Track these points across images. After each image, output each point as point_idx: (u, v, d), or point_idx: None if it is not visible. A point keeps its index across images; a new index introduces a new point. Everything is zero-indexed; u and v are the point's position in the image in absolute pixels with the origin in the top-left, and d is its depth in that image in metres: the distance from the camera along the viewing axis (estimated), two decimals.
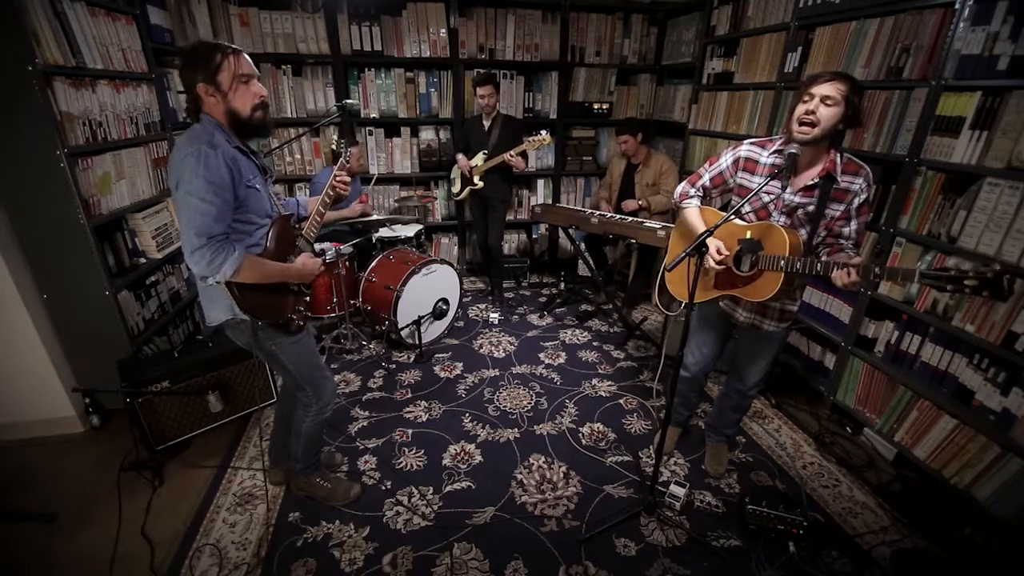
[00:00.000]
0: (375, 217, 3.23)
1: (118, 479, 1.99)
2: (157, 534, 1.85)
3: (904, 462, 2.19)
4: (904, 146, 2.09)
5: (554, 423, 2.46)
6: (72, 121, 2.06)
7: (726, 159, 1.79)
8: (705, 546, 1.81)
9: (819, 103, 1.50)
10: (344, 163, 1.72)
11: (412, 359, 3.05)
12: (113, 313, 2.25)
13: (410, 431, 2.40)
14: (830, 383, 2.52)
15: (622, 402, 2.65)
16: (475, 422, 2.47)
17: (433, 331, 3.21)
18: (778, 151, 1.66)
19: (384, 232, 3.42)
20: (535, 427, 2.43)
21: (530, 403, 2.62)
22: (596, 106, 4.15)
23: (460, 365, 2.98)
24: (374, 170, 3.91)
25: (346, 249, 2.98)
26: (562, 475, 2.14)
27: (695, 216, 1.83)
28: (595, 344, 3.24)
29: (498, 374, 2.89)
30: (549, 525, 1.89)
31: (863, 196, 1.58)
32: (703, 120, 3.57)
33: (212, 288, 1.51)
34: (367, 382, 2.81)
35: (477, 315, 3.64)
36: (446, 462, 2.20)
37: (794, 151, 1.58)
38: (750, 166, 1.73)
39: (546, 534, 1.86)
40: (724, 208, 2.14)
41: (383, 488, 2.06)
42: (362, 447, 2.29)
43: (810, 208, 1.63)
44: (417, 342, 3.06)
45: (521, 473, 2.14)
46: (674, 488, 1.98)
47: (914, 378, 2.12)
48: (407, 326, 2.98)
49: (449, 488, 2.06)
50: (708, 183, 1.84)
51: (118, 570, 1.72)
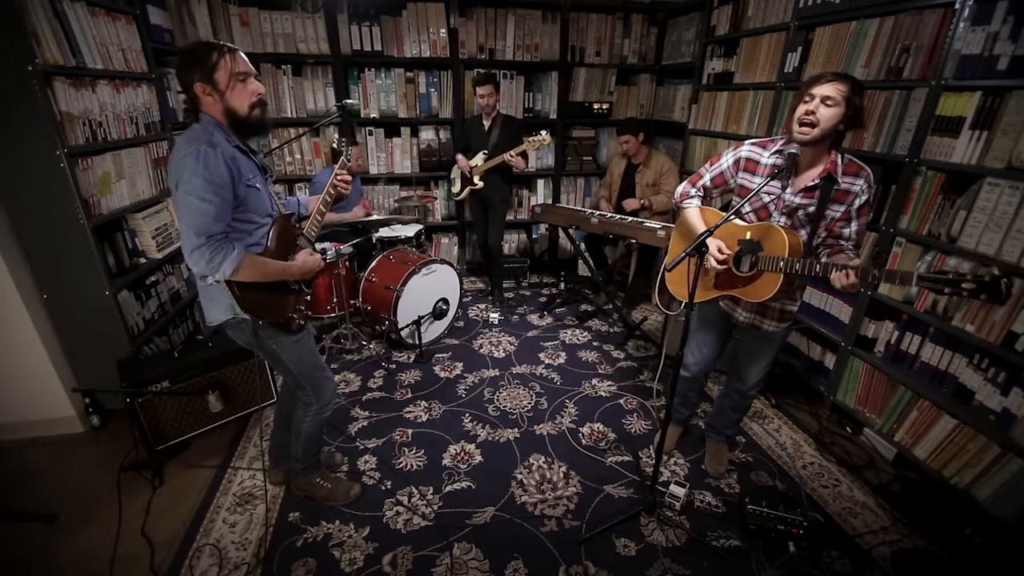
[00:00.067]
0: (375, 217, 3.23)
1: (118, 479, 1.99)
2: (157, 534, 1.85)
3: (904, 462, 2.19)
4: (904, 146, 2.09)
5: (554, 423, 2.46)
6: (72, 121, 2.06)
7: (727, 159, 1.79)
8: (705, 546, 1.82)
9: (819, 103, 1.50)
10: (345, 161, 1.72)
11: (412, 359, 3.05)
12: (113, 313, 2.25)
13: (410, 431, 2.40)
14: (830, 383, 2.52)
15: (622, 402, 2.65)
16: (475, 422, 2.47)
17: (433, 331, 3.21)
18: (779, 151, 1.66)
19: (384, 232, 3.42)
20: (535, 427, 2.43)
21: (530, 403, 2.62)
22: (596, 106, 4.14)
23: (460, 365, 2.98)
24: (374, 170, 3.91)
25: (346, 249, 2.98)
26: (562, 475, 2.14)
27: (695, 216, 1.83)
28: (595, 344, 3.24)
29: (498, 374, 2.89)
30: (549, 525, 1.89)
31: (864, 197, 1.58)
32: (703, 120, 3.57)
33: (212, 287, 1.51)
34: (367, 382, 2.81)
35: (477, 315, 3.64)
36: (446, 462, 2.21)
37: (794, 151, 1.58)
38: (751, 166, 1.73)
39: (546, 534, 1.86)
40: (725, 208, 2.14)
41: (383, 488, 2.06)
42: (362, 447, 2.29)
43: (811, 209, 1.63)
44: (417, 342, 3.06)
45: (521, 473, 2.14)
46: (674, 488, 1.98)
47: (914, 378, 2.12)
48: (407, 326, 2.98)
49: (449, 488, 2.06)
50: (709, 183, 1.84)
51: (118, 570, 1.72)
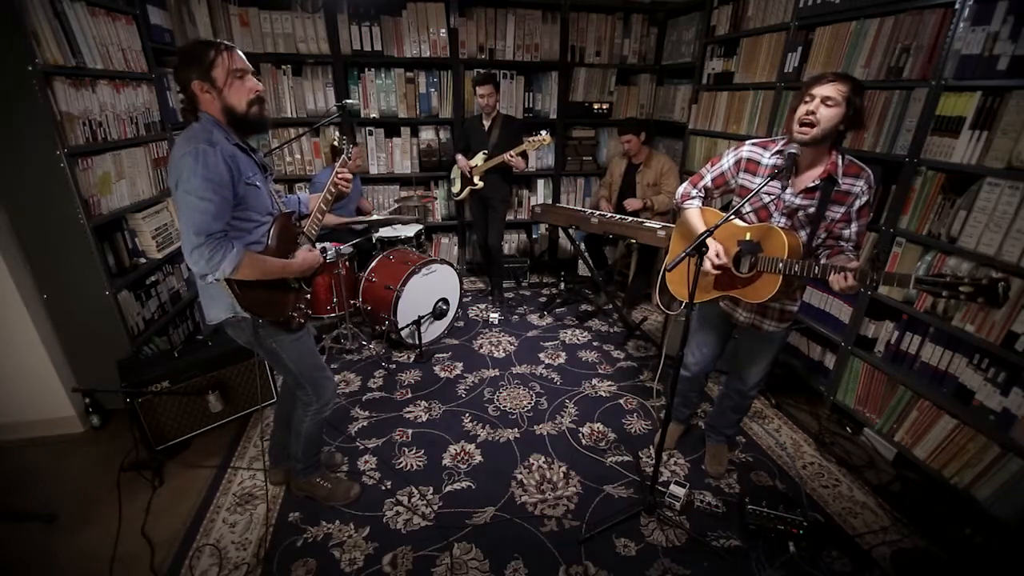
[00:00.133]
0: (375, 217, 3.23)
1: (118, 479, 1.99)
2: (157, 534, 1.85)
3: (904, 462, 2.19)
4: (904, 146, 2.09)
5: (554, 423, 2.46)
6: (72, 121, 2.06)
7: (728, 160, 1.79)
8: (705, 546, 1.82)
9: (819, 104, 1.50)
10: (346, 159, 1.72)
11: (412, 359, 3.05)
12: (113, 313, 2.25)
13: (410, 431, 2.40)
14: (830, 383, 2.52)
15: (622, 402, 2.65)
16: (475, 422, 2.47)
17: (433, 331, 3.21)
18: (779, 152, 1.66)
19: (384, 232, 3.42)
20: (535, 427, 2.43)
21: (530, 403, 2.62)
22: (596, 106, 4.14)
23: (460, 365, 2.97)
24: (374, 170, 3.91)
25: (346, 249, 2.98)
26: (562, 475, 2.14)
27: (696, 217, 1.83)
28: (595, 344, 3.24)
29: (498, 374, 2.89)
30: (549, 525, 1.89)
31: (864, 199, 1.58)
32: (703, 120, 3.57)
33: (212, 286, 1.51)
34: (367, 382, 2.81)
35: (477, 315, 3.64)
36: (446, 462, 2.21)
37: (794, 151, 1.58)
38: (752, 167, 1.73)
39: (546, 534, 1.86)
40: (725, 208, 2.14)
41: (383, 488, 2.06)
42: (362, 447, 2.29)
43: (811, 210, 1.63)
44: (417, 342, 3.06)
45: (521, 473, 2.14)
46: (674, 488, 1.98)
47: (914, 378, 2.12)
48: (407, 326, 2.98)
49: (449, 488, 2.06)
50: (710, 183, 1.84)
51: (118, 570, 1.72)
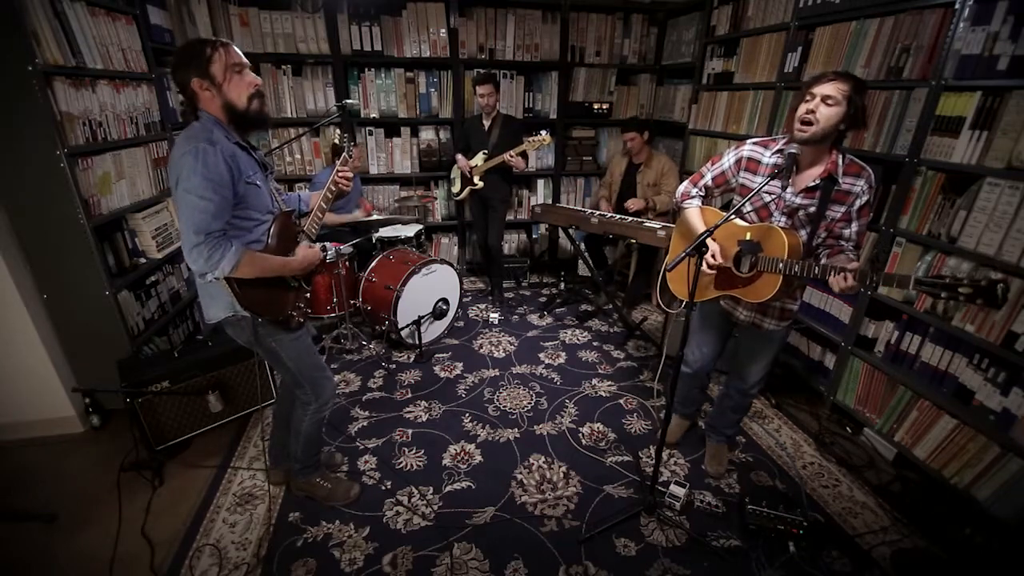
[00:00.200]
0: (375, 217, 3.23)
1: (118, 479, 1.99)
2: (157, 534, 1.85)
3: (904, 462, 2.19)
4: (904, 146, 2.09)
5: (554, 423, 2.46)
6: (72, 121, 2.06)
7: (728, 159, 1.79)
8: (705, 546, 1.81)
9: (820, 103, 1.50)
10: (347, 157, 1.72)
11: (412, 359, 3.05)
12: (113, 313, 2.25)
13: (410, 431, 2.40)
14: (830, 383, 2.52)
15: (622, 402, 2.64)
16: (475, 422, 2.47)
17: (433, 331, 3.21)
18: (780, 151, 1.66)
19: (384, 232, 3.42)
20: (535, 427, 2.43)
21: (530, 403, 2.62)
22: (596, 106, 4.14)
23: (460, 365, 2.97)
24: (374, 170, 3.91)
25: (346, 249, 2.98)
26: (562, 475, 2.14)
27: (696, 216, 1.83)
28: (595, 344, 3.24)
29: (498, 374, 2.89)
30: (549, 525, 1.89)
31: (864, 198, 1.58)
32: (703, 120, 3.57)
33: (212, 285, 1.51)
34: (367, 382, 2.81)
35: (477, 315, 3.63)
36: (446, 462, 2.20)
37: (794, 151, 1.58)
38: (752, 166, 1.73)
39: (546, 534, 1.86)
40: (725, 207, 2.14)
41: (383, 488, 2.06)
42: (362, 447, 2.29)
43: (811, 209, 1.63)
44: (417, 342, 3.06)
45: (521, 473, 2.14)
46: (674, 488, 1.98)
47: (914, 378, 2.12)
48: (407, 326, 2.98)
49: (449, 488, 2.06)
50: (710, 182, 1.84)
51: (118, 570, 1.72)
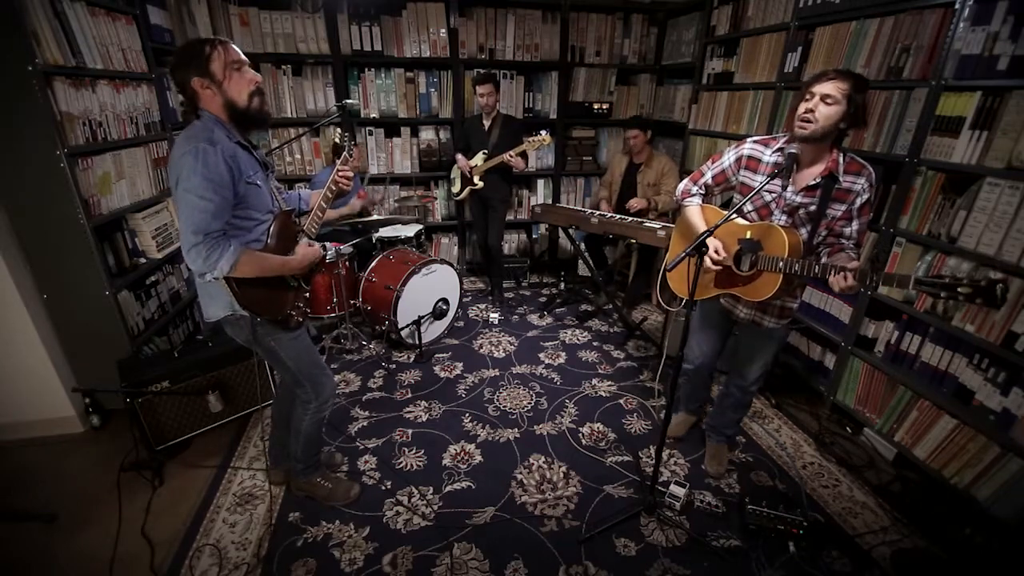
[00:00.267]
0: (375, 217, 3.23)
1: (118, 479, 1.99)
2: (157, 534, 1.85)
3: (904, 462, 2.19)
4: (904, 146, 2.09)
5: (554, 423, 2.46)
6: (72, 121, 2.06)
7: (729, 157, 1.79)
8: (705, 546, 1.81)
9: (819, 101, 1.51)
10: (347, 157, 1.72)
11: (412, 359, 3.05)
12: (113, 313, 2.25)
13: (410, 431, 2.40)
14: (830, 383, 2.52)
15: (622, 402, 2.64)
16: (475, 422, 2.47)
17: (433, 331, 3.21)
18: (780, 150, 1.66)
19: (384, 232, 3.42)
20: (535, 427, 2.43)
21: (530, 403, 2.62)
22: (596, 106, 4.14)
23: (460, 365, 2.97)
24: (374, 170, 3.91)
25: (346, 249, 2.98)
26: (562, 475, 2.14)
27: (696, 215, 1.83)
28: (595, 344, 3.24)
29: (498, 374, 2.89)
30: (549, 525, 1.89)
31: (865, 196, 1.58)
32: (703, 120, 3.57)
33: (211, 284, 1.51)
34: (367, 382, 2.81)
35: (477, 315, 3.63)
36: (446, 462, 2.20)
37: (794, 151, 1.58)
38: (752, 164, 1.73)
39: (546, 534, 1.86)
40: (725, 205, 2.14)
41: (383, 488, 2.06)
42: (362, 447, 2.29)
43: (812, 208, 1.63)
44: (417, 342, 3.06)
45: (521, 473, 2.14)
46: (674, 488, 1.98)
47: (914, 378, 2.12)
48: (407, 326, 2.98)
49: (449, 488, 2.06)
50: (710, 181, 1.84)
51: (118, 570, 1.72)
